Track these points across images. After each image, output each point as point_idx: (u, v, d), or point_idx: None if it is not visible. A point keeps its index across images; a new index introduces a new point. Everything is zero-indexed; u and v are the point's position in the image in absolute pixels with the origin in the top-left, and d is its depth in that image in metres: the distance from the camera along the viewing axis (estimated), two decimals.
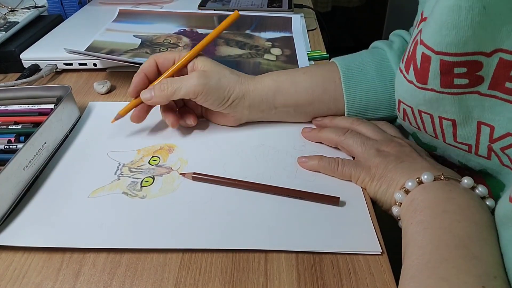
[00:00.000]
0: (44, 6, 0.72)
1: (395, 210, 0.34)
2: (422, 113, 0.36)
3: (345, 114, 0.45)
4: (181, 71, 0.44)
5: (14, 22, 0.65)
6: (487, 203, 0.32)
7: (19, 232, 0.34)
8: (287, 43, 0.65)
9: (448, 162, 0.40)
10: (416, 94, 0.35)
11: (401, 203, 0.34)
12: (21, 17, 0.67)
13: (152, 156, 0.43)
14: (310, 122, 0.47)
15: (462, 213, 0.30)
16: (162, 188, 0.38)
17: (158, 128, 0.47)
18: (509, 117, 0.30)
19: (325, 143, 0.44)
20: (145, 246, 0.33)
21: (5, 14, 0.67)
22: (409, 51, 0.35)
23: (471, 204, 0.30)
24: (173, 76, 0.44)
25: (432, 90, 0.33)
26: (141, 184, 0.39)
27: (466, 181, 0.32)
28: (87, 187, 0.39)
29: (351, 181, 0.39)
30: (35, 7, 0.71)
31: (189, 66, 0.44)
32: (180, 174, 0.40)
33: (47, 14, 0.75)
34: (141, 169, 0.41)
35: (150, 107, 0.45)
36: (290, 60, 0.59)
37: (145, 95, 0.42)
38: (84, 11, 0.79)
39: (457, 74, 0.30)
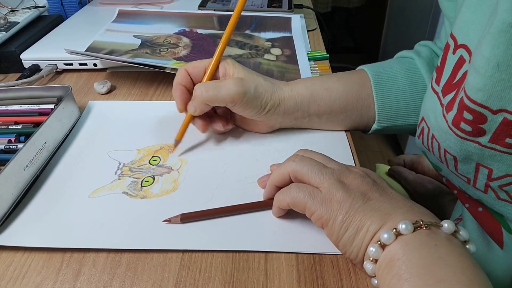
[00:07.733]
0: (44, 6, 0.72)
1: (368, 267, 0.28)
2: (434, 139, 0.36)
3: (375, 120, 0.45)
4: (214, 75, 0.43)
5: (15, 22, 0.65)
6: (469, 247, 0.28)
7: (19, 233, 0.34)
8: (287, 43, 0.65)
9: (450, 183, 0.41)
10: (438, 118, 0.35)
11: (376, 260, 0.28)
12: (22, 17, 0.67)
13: (153, 156, 0.43)
14: (340, 130, 0.46)
15: (458, 281, 0.24)
16: (163, 188, 0.39)
17: (158, 128, 0.47)
18: (508, 164, 0.30)
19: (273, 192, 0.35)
20: (145, 246, 0.33)
21: (5, 14, 0.67)
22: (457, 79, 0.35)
23: (465, 266, 0.25)
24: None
25: (446, 122, 0.33)
26: (141, 184, 0.39)
27: (447, 225, 0.27)
28: (87, 187, 0.39)
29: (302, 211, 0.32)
30: (36, 7, 0.71)
31: (220, 70, 0.42)
32: (164, 221, 0.35)
33: (47, 14, 0.75)
34: (141, 169, 0.41)
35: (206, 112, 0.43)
36: (290, 60, 0.59)
37: (189, 109, 0.41)
38: (84, 11, 0.79)
39: (465, 119, 0.31)
